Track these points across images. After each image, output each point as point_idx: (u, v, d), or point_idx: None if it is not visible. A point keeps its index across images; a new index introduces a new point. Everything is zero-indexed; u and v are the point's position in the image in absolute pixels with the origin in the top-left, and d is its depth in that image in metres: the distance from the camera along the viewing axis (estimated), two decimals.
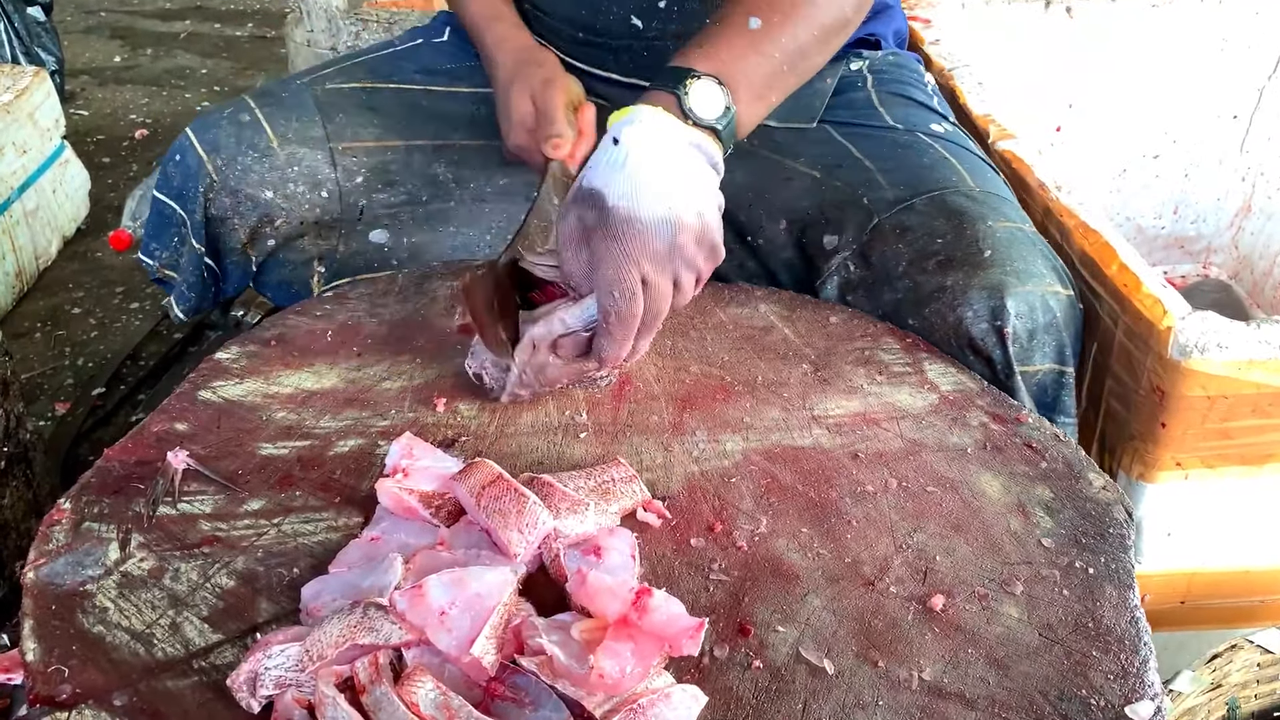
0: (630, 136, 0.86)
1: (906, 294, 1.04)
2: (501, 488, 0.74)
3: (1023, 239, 1.03)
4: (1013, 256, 1.00)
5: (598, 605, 0.66)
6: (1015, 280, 0.99)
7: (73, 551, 0.76)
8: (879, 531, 0.80)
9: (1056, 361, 1.01)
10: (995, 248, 1.00)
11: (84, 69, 3.43)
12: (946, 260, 1.01)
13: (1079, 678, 0.70)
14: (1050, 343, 1.00)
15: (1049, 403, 1.02)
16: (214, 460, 0.85)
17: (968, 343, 1.00)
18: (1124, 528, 0.81)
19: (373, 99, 1.18)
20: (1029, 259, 1.01)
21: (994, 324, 0.98)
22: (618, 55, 1.17)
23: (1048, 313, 0.99)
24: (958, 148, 1.17)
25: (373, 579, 0.70)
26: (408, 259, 1.15)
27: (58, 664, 0.68)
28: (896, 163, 1.13)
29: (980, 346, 0.99)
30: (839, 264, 1.10)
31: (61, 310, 2.18)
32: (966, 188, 1.09)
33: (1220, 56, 1.88)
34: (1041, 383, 1.01)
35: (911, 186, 1.09)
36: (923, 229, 1.05)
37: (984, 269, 0.99)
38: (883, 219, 1.07)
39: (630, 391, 0.94)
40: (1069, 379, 1.03)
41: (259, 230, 1.11)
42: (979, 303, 0.99)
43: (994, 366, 1.00)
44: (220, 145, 1.11)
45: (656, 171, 0.85)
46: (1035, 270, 1.00)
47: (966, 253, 1.01)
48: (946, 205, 1.06)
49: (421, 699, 0.61)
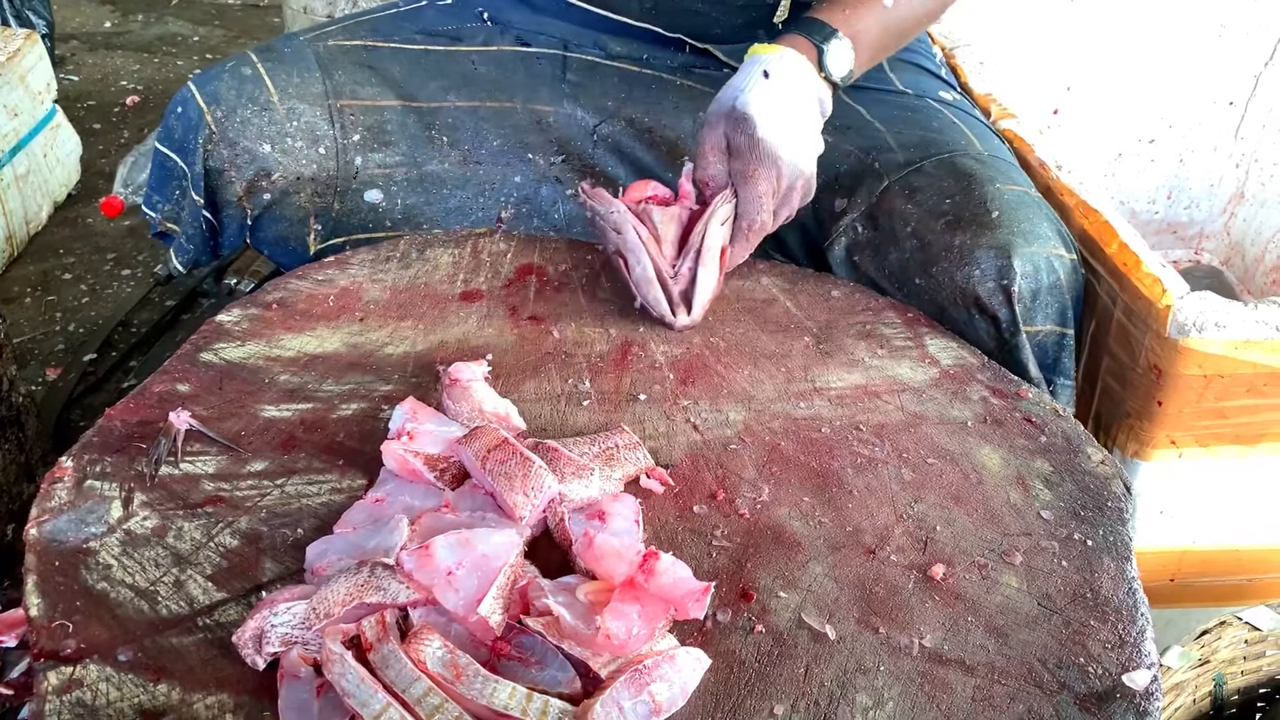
0: (779, 75, 0.98)
1: (914, 254, 1.05)
2: (507, 452, 0.74)
3: (1029, 201, 1.04)
4: (1019, 218, 1.01)
5: (604, 567, 0.66)
6: (1022, 241, 1.00)
7: (75, 509, 0.76)
8: (880, 501, 0.81)
9: (1058, 323, 1.02)
10: (1003, 209, 1.02)
11: (74, 34, 3.39)
12: (954, 220, 1.02)
13: (1077, 646, 0.70)
14: (1053, 304, 1.01)
15: (1049, 364, 1.03)
16: (216, 421, 0.84)
17: (974, 301, 1.01)
18: (1122, 501, 0.82)
19: (373, 57, 1.18)
20: (1035, 221, 1.02)
21: (1000, 283, 0.99)
22: (643, 1, 1.18)
23: (1051, 274, 1.00)
24: (965, 114, 1.19)
25: (378, 540, 0.70)
26: (402, 220, 1.15)
27: (62, 619, 0.68)
28: (906, 126, 1.14)
29: (986, 305, 1.00)
30: (847, 225, 1.10)
31: (52, 275, 2.17)
32: (975, 151, 1.10)
33: (1218, 42, 1.88)
34: (1043, 343, 1.02)
35: (921, 149, 1.11)
36: (931, 190, 1.06)
37: (991, 229, 1.01)
38: (892, 181, 1.09)
39: (633, 360, 0.94)
40: (1069, 341, 1.04)
41: (255, 184, 1.11)
42: (986, 262, 1.00)
43: (999, 325, 1.01)
44: (221, 97, 1.10)
45: (795, 116, 0.99)
46: (1041, 232, 1.01)
47: (974, 213, 1.02)
48: (955, 167, 1.07)
49: (429, 656, 0.62)
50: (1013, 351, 1.00)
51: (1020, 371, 1.00)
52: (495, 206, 1.16)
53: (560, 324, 0.99)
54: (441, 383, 0.86)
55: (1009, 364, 0.99)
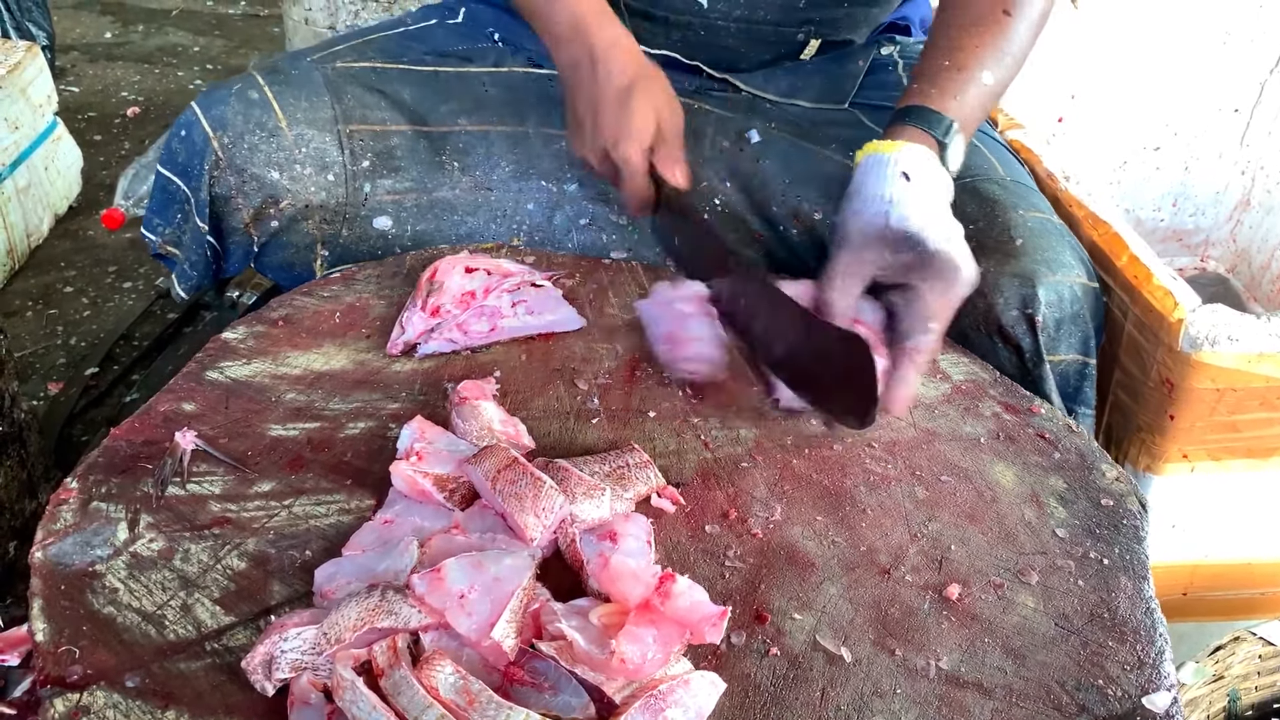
0: (921, 177, 0.91)
1: None
2: (518, 471, 0.73)
3: (1052, 229, 1.03)
4: (1043, 246, 1.00)
5: (620, 590, 0.66)
6: (1046, 270, 0.99)
7: (81, 531, 0.75)
8: (894, 520, 0.80)
9: (1081, 352, 1.01)
10: (1027, 236, 1.01)
11: (74, 45, 3.39)
12: (978, 246, 1.01)
13: (1095, 668, 0.70)
14: (1076, 333, 1.01)
15: (1070, 393, 1.03)
16: (222, 441, 0.84)
17: (997, 329, 1.00)
18: (1138, 519, 0.81)
19: (382, 79, 1.15)
20: (1058, 249, 1.01)
21: (1024, 312, 0.99)
22: (670, 32, 1.16)
23: (1075, 303, 1.00)
24: (985, 136, 1.18)
25: (388, 562, 0.69)
26: (411, 247, 1.13)
27: (68, 644, 0.67)
28: None
29: (1010, 334, 1.00)
30: None
31: (53, 289, 2.16)
32: (997, 175, 1.09)
33: (1222, 49, 1.88)
34: (1065, 373, 1.02)
35: None
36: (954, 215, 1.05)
37: (1015, 257, 1.00)
38: None
39: (641, 376, 0.94)
40: (1091, 370, 1.03)
41: (263, 211, 1.10)
42: (1010, 290, 0.99)
43: (1022, 354, 1.00)
44: (228, 123, 1.08)
45: (952, 220, 0.91)
46: (1064, 260, 1.00)
47: (998, 240, 1.01)
48: (978, 192, 1.06)
49: (441, 682, 0.61)
50: (1036, 382, 1.00)
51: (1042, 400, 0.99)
52: (507, 234, 1.14)
53: (568, 339, 0.98)
54: (450, 400, 0.85)
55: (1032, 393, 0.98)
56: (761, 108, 1.18)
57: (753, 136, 1.15)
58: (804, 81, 1.18)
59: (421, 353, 0.94)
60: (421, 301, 0.95)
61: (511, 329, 0.97)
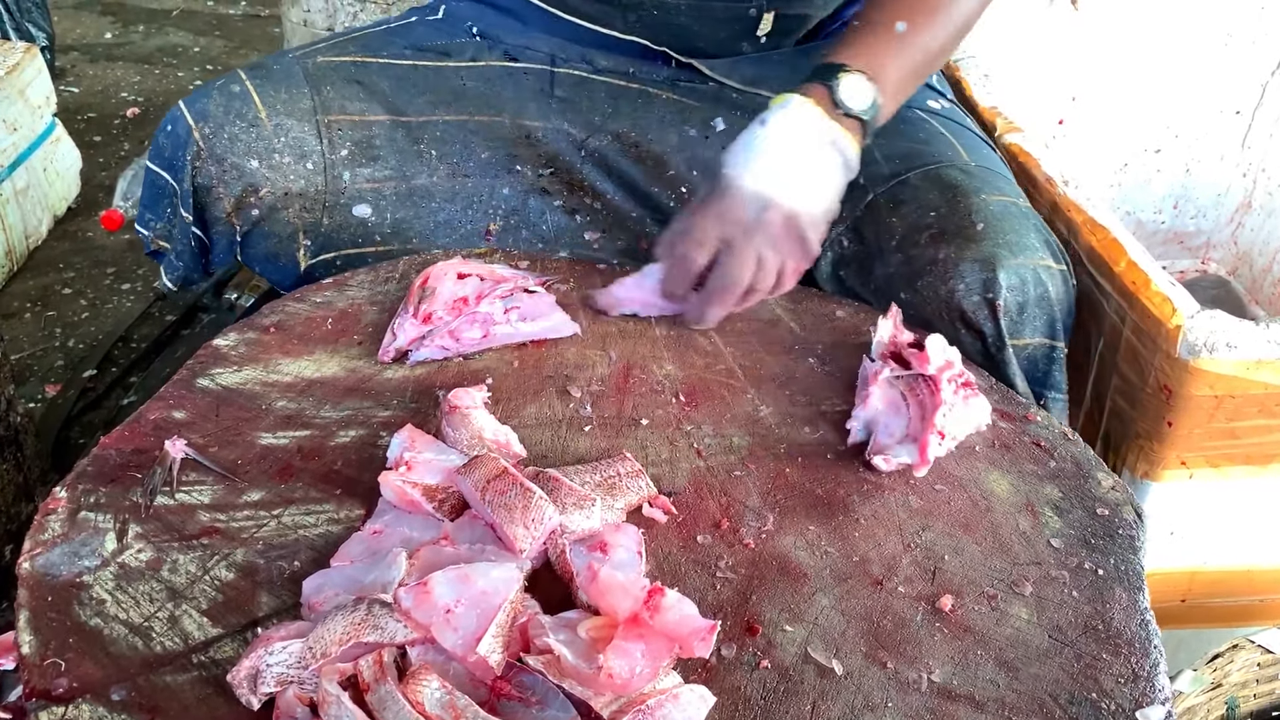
0: (774, 121, 0.95)
1: (899, 268, 1.04)
2: (507, 482, 0.73)
3: (1015, 212, 1.03)
4: (1005, 229, 1.00)
5: (608, 603, 0.65)
6: (1007, 253, 0.98)
7: (69, 542, 0.74)
8: (887, 530, 0.79)
9: (1047, 335, 1.01)
10: (988, 220, 1.01)
11: (74, 45, 3.38)
12: (939, 233, 1.01)
13: (1089, 681, 0.69)
14: (1041, 316, 1.00)
15: (1039, 377, 1.02)
16: (213, 449, 0.83)
17: (959, 316, 1.00)
18: (1134, 529, 0.81)
19: (361, 73, 1.17)
20: (1021, 232, 1.00)
21: (985, 296, 0.98)
22: (625, 14, 1.17)
23: (1039, 286, 0.99)
24: (953, 124, 1.17)
25: (376, 574, 0.68)
26: (391, 234, 1.15)
27: (54, 657, 0.66)
28: (892, 137, 1.12)
29: (971, 319, 0.99)
30: (833, 239, 1.09)
31: (52, 290, 2.16)
32: (961, 162, 1.09)
33: (1224, 51, 1.87)
34: (1032, 356, 1.01)
35: (906, 161, 1.10)
36: (916, 203, 1.05)
37: (976, 241, 0.99)
38: (877, 194, 1.08)
39: (635, 385, 0.93)
40: (1060, 354, 1.03)
41: (244, 199, 1.11)
42: (970, 275, 0.99)
43: (985, 340, 1.00)
44: (209, 114, 1.10)
45: (778, 154, 0.94)
46: (1027, 243, 1.00)
47: (959, 225, 1.01)
48: (941, 179, 1.06)
49: (427, 698, 0.60)
50: (999, 366, 1.00)
51: (1008, 386, 0.99)
52: (484, 219, 1.16)
53: (560, 346, 0.97)
54: (441, 409, 0.85)
55: (996, 379, 0.98)
56: (728, 97, 1.19)
57: (718, 125, 1.16)
58: (770, 71, 1.17)
59: (413, 360, 0.93)
60: (413, 308, 0.94)
61: (504, 335, 0.96)
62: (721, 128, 1.16)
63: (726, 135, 1.15)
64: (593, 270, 1.09)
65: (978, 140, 1.17)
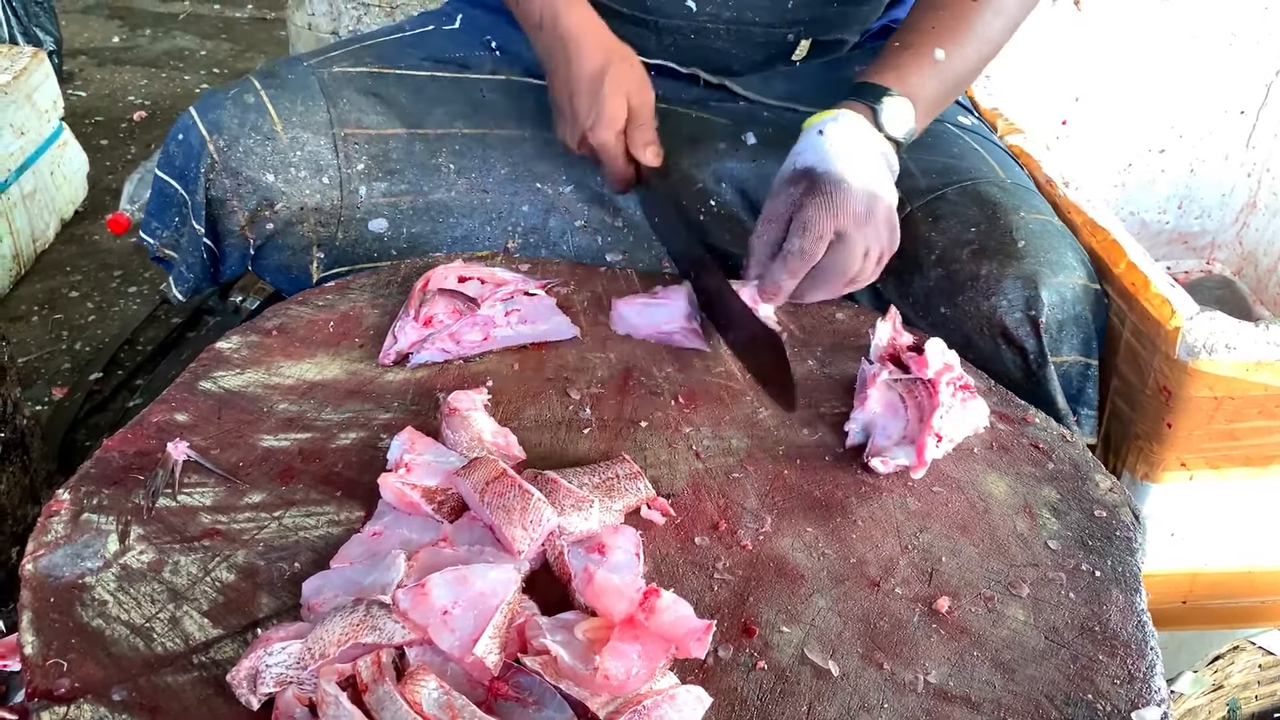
0: (834, 132, 0.96)
1: (939, 282, 1.04)
2: (506, 484, 0.73)
3: (1053, 230, 1.04)
4: (1045, 247, 1.01)
5: (604, 604, 0.65)
6: (1049, 271, 0.99)
7: (72, 543, 0.75)
8: (884, 531, 0.80)
9: (1083, 353, 1.01)
10: (1028, 238, 1.01)
11: (82, 49, 3.40)
12: (980, 249, 1.01)
13: (1085, 682, 0.69)
14: (1078, 334, 1.01)
15: (1073, 394, 1.03)
16: (214, 451, 0.84)
17: (1000, 332, 1.00)
18: (1131, 530, 0.81)
19: (378, 85, 1.16)
20: (1060, 250, 1.01)
21: (1028, 314, 0.99)
22: (661, 37, 1.17)
23: (1078, 304, 1.00)
24: (985, 139, 1.18)
25: (375, 576, 0.69)
26: (407, 249, 1.14)
27: (56, 657, 0.67)
28: (927, 152, 1.13)
29: (1014, 336, 1.00)
30: None
31: (59, 294, 2.17)
32: (998, 179, 1.09)
33: (1228, 51, 1.87)
34: (1068, 374, 1.02)
35: (943, 175, 1.10)
36: (955, 218, 1.05)
37: (1018, 259, 1.00)
38: (915, 208, 1.07)
39: (634, 386, 0.94)
40: (1093, 371, 1.03)
41: (258, 213, 1.10)
42: (1013, 292, 0.99)
43: (1026, 356, 1.00)
44: (224, 126, 1.09)
45: (859, 158, 0.96)
46: (1067, 262, 1.01)
47: (1000, 242, 1.01)
48: (979, 195, 1.07)
49: (425, 698, 0.61)
50: (1041, 383, 1.00)
51: (1047, 402, 0.99)
52: (502, 236, 1.14)
53: (561, 349, 0.98)
54: (441, 411, 0.85)
55: (1036, 395, 0.99)
56: (758, 113, 1.18)
57: (749, 139, 1.15)
58: (799, 86, 1.18)
59: (414, 362, 0.94)
60: (414, 311, 0.95)
61: (504, 338, 0.97)
62: (753, 141, 1.15)
63: (759, 149, 1.15)
64: (594, 273, 1.09)
65: (1007, 156, 1.18)
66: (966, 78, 1.08)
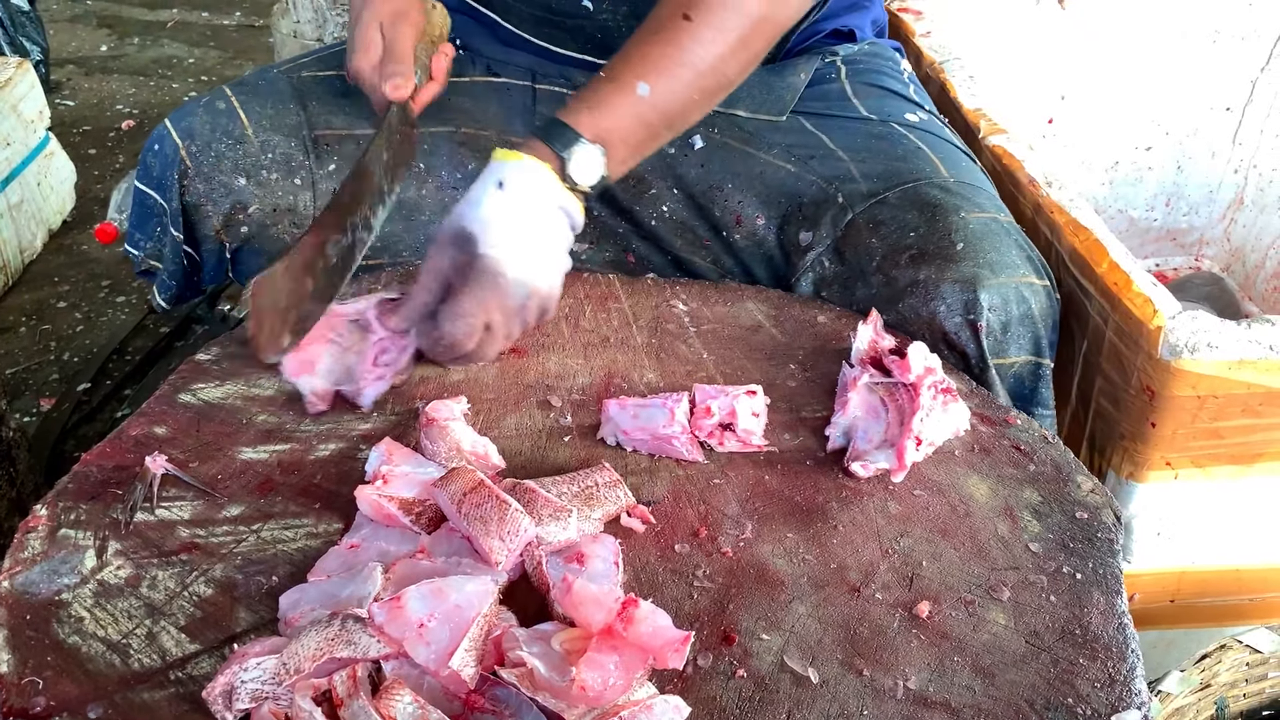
0: (513, 187, 0.92)
1: (880, 289, 1.04)
2: (483, 494, 0.73)
3: (996, 229, 1.02)
4: (985, 248, 1.00)
5: (582, 615, 0.65)
6: (988, 273, 0.98)
7: (49, 559, 0.75)
8: (865, 536, 0.80)
9: (1033, 353, 1.01)
10: (968, 239, 1.00)
11: (70, 58, 3.39)
12: (919, 254, 1.01)
13: (1065, 686, 0.69)
14: (1025, 334, 1.00)
15: (1026, 394, 1.02)
16: (193, 465, 0.83)
17: (941, 337, 1.00)
18: (1112, 532, 0.81)
19: (348, 86, 1.17)
20: (1002, 250, 1.00)
21: (967, 318, 0.98)
22: (573, 34, 1.18)
23: (1022, 304, 0.99)
24: (933, 137, 1.16)
25: (352, 589, 0.69)
26: (380, 248, 1.15)
27: (32, 675, 0.67)
28: (870, 154, 1.12)
29: (954, 340, 0.99)
30: (814, 260, 1.09)
31: (47, 304, 2.16)
32: (940, 179, 1.08)
33: (1213, 48, 1.87)
34: (1018, 374, 1.01)
35: (885, 179, 1.09)
36: (895, 223, 1.05)
37: (956, 262, 0.99)
38: (856, 214, 1.07)
39: (615, 393, 0.93)
40: (1046, 370, 1.02)
41: (232, 217, 1.11)
42: (951, 296, 0.98)
43: (968, 360, 1.00)
44: (195, 132, 1.11)
45: (527, 232, 0.92)
46: (1009, 261, 1.00)
47: (939, 245, 1.01)
48: (920, 197, 1.06)
49: (400, 712, 0.60)
50: (984, 386, 0.99)
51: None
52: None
53: (541, 356, 0.98)
54: (419, 421, 0.85)
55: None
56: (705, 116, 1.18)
57: (695, 143, 1.16)
58: (743, 92, 1.16)
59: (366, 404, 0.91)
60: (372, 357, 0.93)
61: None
62: (700, 145, 1.16)
63: (705, 152, 1.15)
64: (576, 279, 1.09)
65: (957, 153, 1.16)
66: (681, 112, 0.99)
